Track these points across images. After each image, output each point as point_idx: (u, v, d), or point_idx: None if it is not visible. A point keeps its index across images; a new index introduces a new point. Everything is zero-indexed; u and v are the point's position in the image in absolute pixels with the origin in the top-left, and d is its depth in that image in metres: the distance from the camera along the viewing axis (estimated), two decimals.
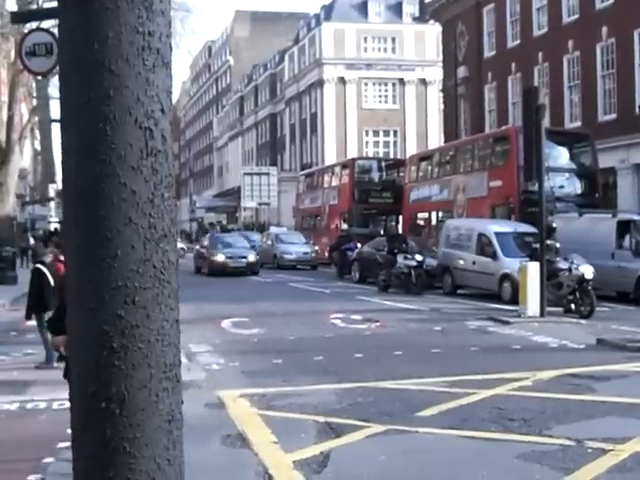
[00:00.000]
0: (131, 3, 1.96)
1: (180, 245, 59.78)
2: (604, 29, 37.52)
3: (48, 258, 14.43)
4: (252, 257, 39.91)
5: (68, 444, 2.23)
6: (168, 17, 2.02)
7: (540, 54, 42.23)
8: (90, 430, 2.04)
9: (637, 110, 22.28)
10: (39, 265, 14.33)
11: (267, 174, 74.86)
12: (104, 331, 1.99)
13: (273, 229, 53.93)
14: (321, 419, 9.73)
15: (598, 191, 32.55)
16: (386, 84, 77.40)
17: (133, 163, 1.96)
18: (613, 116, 37.37)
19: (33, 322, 14.35)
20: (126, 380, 2.00)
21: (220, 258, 39.16)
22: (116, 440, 2.02)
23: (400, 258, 28.88)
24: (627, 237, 25.21)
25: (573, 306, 21.22)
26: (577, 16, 39.96)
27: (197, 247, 46.05)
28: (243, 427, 9.40)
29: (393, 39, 77.18)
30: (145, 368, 2.02)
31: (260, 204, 74.99)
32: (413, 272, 28.08)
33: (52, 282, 13.66)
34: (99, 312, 1.99)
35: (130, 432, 2.02)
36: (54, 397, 10.50)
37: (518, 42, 44.91)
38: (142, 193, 1.97)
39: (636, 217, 24.88)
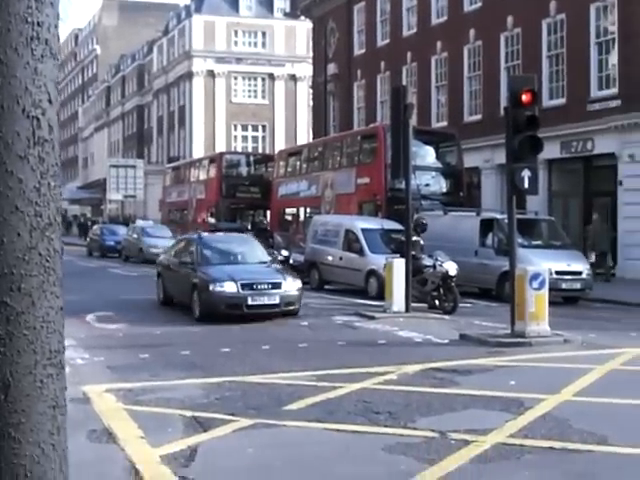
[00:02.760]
0: None
1: None
2: (471, 31, 38.45)
3: None
4: (290, 285, 20.12)
5: None
6: (57, 9, 2.02)
7: (409, 54, 42.97)
8: None
9: (502, 112, 23.01)
10: None
11: (133, 166, 73.97)
12: None
13: (139, 222, 53.12)
14: (188, 413, 9.70)
15: (463, 190, 33.26)
16: (256, 79, 77.35)
17: (20, 152, 1.96)
18: (478, 117, 38.34)
19: None
20: (11, 366, 2.00)
21: (229, 288, 19.41)
22: (1, 426, 2.01)
23: None
24: (490, 235, 25.84)
25: (437, 302, 21.63)
26: (445, 18, 40.85)
27: (165, 256, 24.26)
28: (109, 422, 9.28)
29: (263, 34, 77.18)
30: (30, 354, 2.01)
31: (126, 197, 74.03)
32: None
33: None
34: None
35: (15, 418, 2.02)
36: None
37: (388, 41, 45.57)
38: (29, 181, 1.96)
39: (499, 216, 25.52)
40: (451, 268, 21.57)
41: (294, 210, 39.95)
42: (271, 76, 77.04)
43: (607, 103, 31.41)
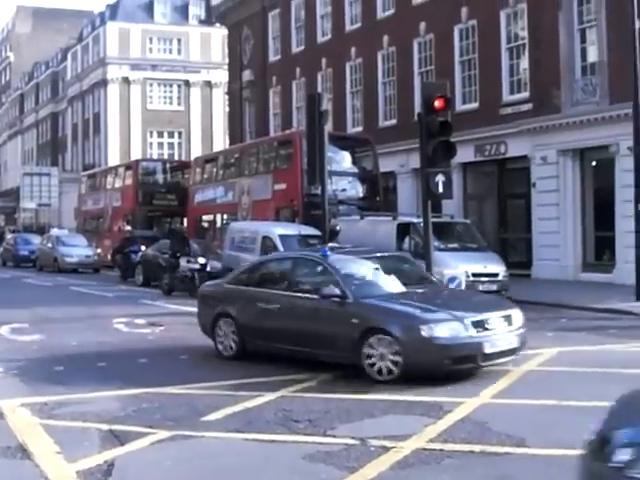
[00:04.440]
0: None
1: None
2: (385, 37, 38.71)
3: None
4: (519, 317, 13.08)
5: None
6: None
7: (324, 60, 43.10)
8: None
9: (416, 117, 23.17)
10: None
11: (48, 174, 73.13)
12: None
13: (54, 231, 52.25)
14: (105, 427, 9.54)
15: (379, 194, 33.44)
16: (171, 85, 76.93)
17: None
18: (393, 122, 38.61)
19: None
20: None
21: (455, 330, 12.05)
22: None
23: (183, 261, 28.67)
24: (407, 239, 25.97)
25: None
26: (359, 24, 41.06)
27: (229, 287, 15.39)
28: (24, 438, 9.08)
29: (179, 40, 76.82)
30: None
31: (40, 205, 73.02)
32: (196, 275, 27.82)
33: None
34: None
35: None
36: None
37: (302, 47, 45.67)
38: None
39: (415, 220, 25.64)
40: None
41: (211, 217, 39.74)
42: (187, 83, 76.72)
43: (519, 107, 31.89)
